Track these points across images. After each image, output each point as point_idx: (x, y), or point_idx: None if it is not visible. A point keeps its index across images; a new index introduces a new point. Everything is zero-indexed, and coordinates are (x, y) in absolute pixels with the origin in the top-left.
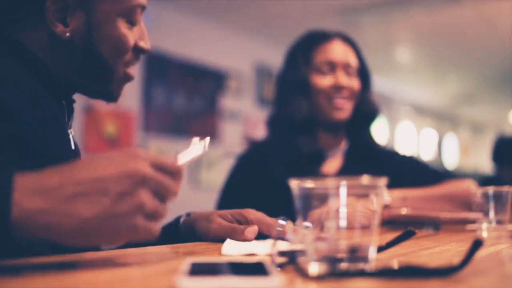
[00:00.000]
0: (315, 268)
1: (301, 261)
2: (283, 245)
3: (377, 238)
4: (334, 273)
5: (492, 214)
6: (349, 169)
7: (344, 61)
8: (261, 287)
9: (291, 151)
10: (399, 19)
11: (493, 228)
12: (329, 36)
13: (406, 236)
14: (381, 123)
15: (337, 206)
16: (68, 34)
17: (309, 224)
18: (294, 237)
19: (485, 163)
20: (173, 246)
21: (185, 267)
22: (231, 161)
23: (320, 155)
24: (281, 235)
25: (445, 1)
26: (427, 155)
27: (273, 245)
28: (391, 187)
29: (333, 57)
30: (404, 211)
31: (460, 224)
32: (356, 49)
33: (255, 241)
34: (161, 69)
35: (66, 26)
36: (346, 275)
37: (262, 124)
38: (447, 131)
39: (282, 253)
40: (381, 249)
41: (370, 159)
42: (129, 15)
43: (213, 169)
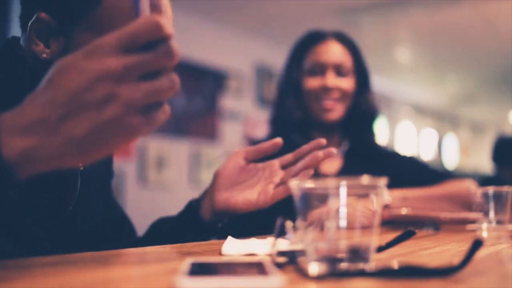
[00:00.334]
0: (315, 268)
1: (301, 261)
2: (283, 244)
3: (377, 238)
4: (334, 273)
5: (492, 214)
6: (349, 169)
7: (335, 62)
8: (261, 287)
9: (287, 150)
10: (399, 19)
11: (493, 228)
12: (323, 36)
13: (406, 236)
14: (381, 123)
15: (337, 206)
16: (45, 55)
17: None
18: (294, 237)
19: (485, 163)
20: (173, 246)
21: (185, 267)
22: None
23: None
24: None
25: (445, 1)
26: (427, 155)
27: (273, 245)
28: (391, 187)
29: (323, 59)
30: (404, 211)
31: (460, 224)
32: (352, 49)
33: (255, 240)
34: None
35: (47, 47)
36: (346, 275)
37: (262, 124)
38: (447, 131)
39: (282, 253)
40: (381, 249)
41: (370, 159)
42: None
43: (213, 169)
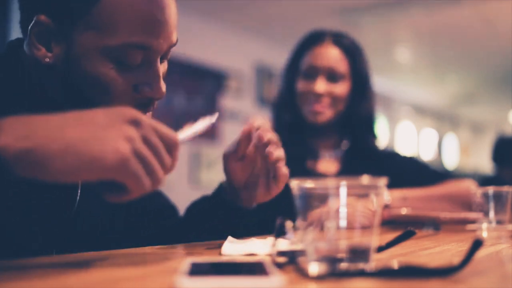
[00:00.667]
0: (315, 268)
1: (301, 261)
2: (283, 244)
3: (377, 238)
4: (334, 273)
5: (492, 214)
6: (348, 170)
7: (327, 66)
8: (261, 287)
9: (283, 149)
10: (399, 19)
11: (493, 228)
12: (321, 39)
13: (406, 236)
14: (381, 123)
15: (337, 206)
16: (48, 59)
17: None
18: (294, 237)
19: (485, 163)
20: (173, 246)
21: (185, 267)
22: None
23: (311, 152)
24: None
25: (445, 1)
26: (427, 155)
27: (273, 245)
28: (391, 187)
29: (316, 62)
30: (404, 211)
31: (460, 224)
32: (349, 52)
33: (255, 240)
34: None
35: (49, 51)
36: (346, 275)
37: None
38: (447, 131)
39: (282, 253)
40: (381, 249)
41: (369, 160)
42: (118, 55)
43: (213, 169)
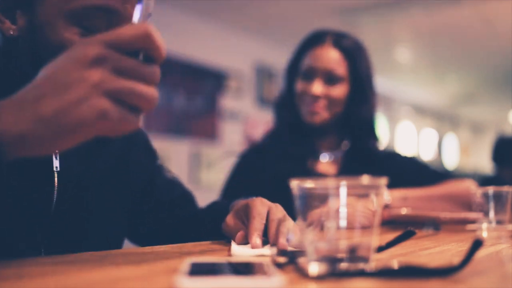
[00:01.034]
0: (315, 268)
1: (301, 261)
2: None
3: (377, 238)
4: (334, 273)
5: (492, 214)
6: (348, 171)
7: (325, 68)
8: (261, 287)
9: (283, 149)
10: (399, 19)
11: (493, 228)
12: (322, 40)
13: (406, 236)
14: (381, 123)
15: (337, 206)
16: (12, 32)
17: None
18: (294, 237)
19: (485, 163)
20: (173, 246)
21: (185, 267)
22: (231, 161)
23: (311, 152)
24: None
25: (445, 1)
26: (427, 155)
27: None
28: (392, 187)
29: (314, 64)
30: (404, 211)
31: (460, 224)
32: (349, 54)
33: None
34: (161, 69)
35: (14, 23)
36: (346, 275)
37: (262, 124)
38: (447, 131)
39: (282, 253)
40: (381, 249)
41: (369, 161)
42: (81, 19)
43: (213, 169)
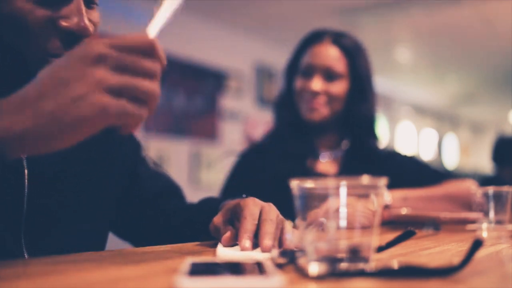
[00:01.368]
0: (315, 268)
1: (301, 261)
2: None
3: (377, 238)
4: (334, 273)
5: (492, 214)
6: (348, 170)
7: (324, 65)
8: (261, 287)
9: (283, 148)
10: (399, 19)
11: (493, 228)
12: (321, 38)
13: (406, 236)
14: (381, 123)
15: (337, 206)
16: None
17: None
18: (294, 237)
19: (485, 163)
20: (173, 246)
21: (185, 267)
22: (231, 161)
23: (311, 151)
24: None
25: (445, 1)
26: (427, 155)
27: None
28: (392, 187)
29: (313, 61)
30: (404, 211)
31: (460, 224)
32: (348, 52)
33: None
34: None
35: None
36: (346, 275)
37: (262, 124)
38: (447, 131)
39: (282, 253)
40: (381, 249)
41: (369, 160)
42: None
43: (213, 169)
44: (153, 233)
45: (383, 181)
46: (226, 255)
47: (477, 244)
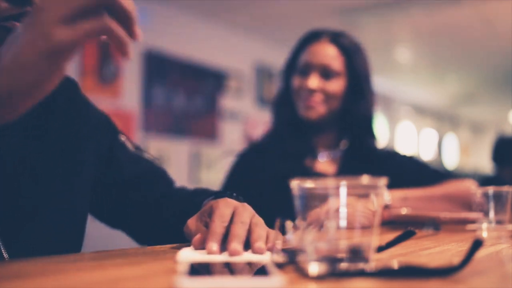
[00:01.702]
0: (315, 268)
1: (301, 261)
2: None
3: (377, 238)
4: (334, 273)
5: (492, 214)
6: (348, 170)
7: (321, 63)
8: (261, 287)
9: (281, 147)
10: (399, 19)
11: (493, 228)
12: (318, 36)
13: (406, 236)
14: (381, 123)
15: (337, 206)
16: None
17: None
18: (293, 237)
19: (485, 163)
20: (173, 246)
21: (185, 267)
22: (231, 161)
23: (309, 150)
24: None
25: (445, 1)
26: (427, 155)
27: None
28: (392, 187)
29: (311, 59)
30: (404, 211)
31: (460, 224)
32: (346, 51)
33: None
34: (161, 69)
35: None
36: (346, 275)
37: (262, 124)
38: (447, 131)
39: (282, 253)
40: (381, 249)
41: (369, 160)
42: None
43: (213, 168)
44: (137, 218)
45: (383, 181)
46: (187, 259)
47: (477, 244)
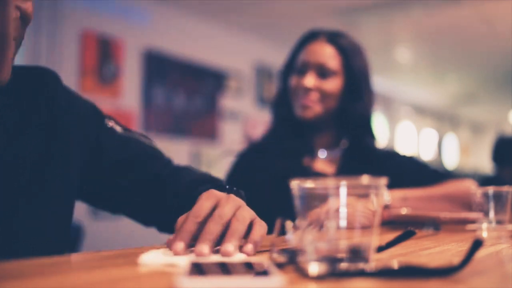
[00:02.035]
0: (315, 268)
1: (301, 261)
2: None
3: (377, 238)
4: (334, 273)
5: (492, 214)
6: (347, 169)
7: (317, 62)
8: (261, 287)
9: (280, 147)
10: (399, 19)
11: (493, 228)
12: (316, 36)
13: (406, 236)
14: (381, 123)
15: (337, 206)
16: None
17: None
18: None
19: (485, 163)
20: None
21: (185, 267)
22: (230, 161)
23: (307, 150)
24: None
25: (445, 1)
26: (427, 155)
27: (273, 245)
28: (391, 187)
29: (307, 58)
30: (404, 211)
31: (460, 224)
32: (343, 50)
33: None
34: (161, 69)
35: None
36: (346, 275)
37: (262, 124)
38: (447, 131)
39: (282, 253)
40: (381, 249)
41: (368, 160)
42: None
43: (213, 168)
44: (135, 200)
45: (383, 181)
46: (148, 260)
47: (477, 244)
